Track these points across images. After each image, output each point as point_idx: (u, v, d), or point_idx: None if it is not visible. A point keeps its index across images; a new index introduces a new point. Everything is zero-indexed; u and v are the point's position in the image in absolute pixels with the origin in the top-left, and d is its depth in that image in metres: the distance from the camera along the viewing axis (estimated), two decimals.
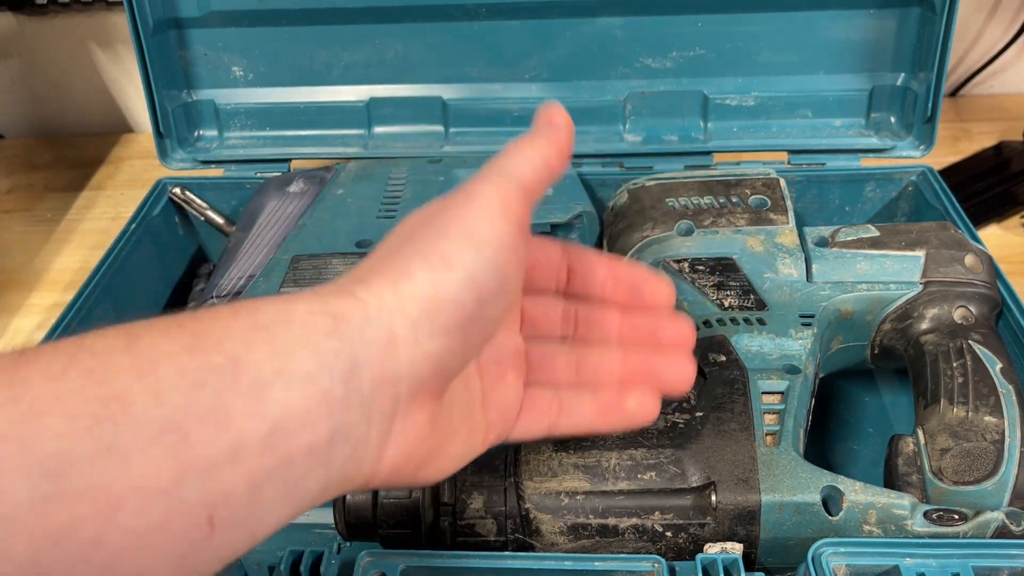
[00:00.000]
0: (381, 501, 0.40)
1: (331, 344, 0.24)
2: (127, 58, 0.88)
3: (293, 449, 0.23)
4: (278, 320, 0.24)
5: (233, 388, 0.22)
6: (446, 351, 0.27)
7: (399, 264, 0.27)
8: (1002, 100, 0.87)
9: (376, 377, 0.25)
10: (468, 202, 0.28)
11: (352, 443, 0.25)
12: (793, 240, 0.49)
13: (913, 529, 0.37)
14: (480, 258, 0.27)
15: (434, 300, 0.26)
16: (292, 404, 0.23)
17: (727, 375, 0.42)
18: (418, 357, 0.26)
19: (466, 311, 0.27)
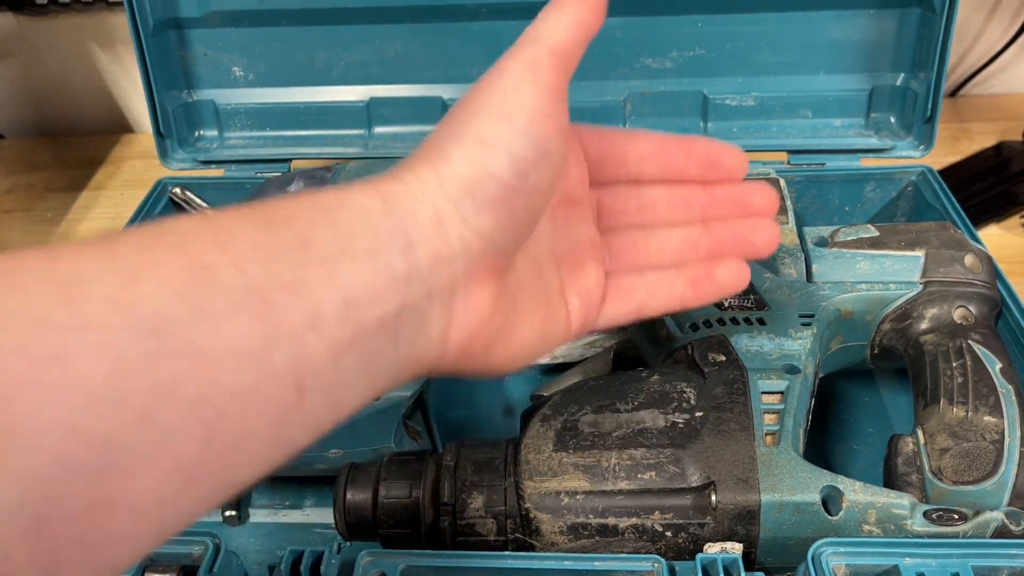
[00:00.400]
0: (381, 501, 0.40)
1: (386, 223, 0.26)
2: (127, 58, 0.88)
3: (366, 321, 0.24)
4: (336, 204, 0.26)
5: (305, 262, 0.23)
6: (494, 225, 0.28)
7: (437, 147, 0.28)
8: (1002, 100, 0.87)
9: (430, 255, 0.26)
10: (498, 77, 0.29)
11: (417, 320, 0.26)
12: (793, 240, 0.50)
13: (913, 529, 0.37)
14: (513, 130, 0.28)
15: (471, 178, 0.27)
16: (360, 278, 0.24)
17: (727, 375, 0.42)
18: (467, 234, 0.27)
19: (506, 183, 0.27)
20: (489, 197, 0.27)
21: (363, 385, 0.25)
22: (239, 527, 0.51)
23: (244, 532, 0.51)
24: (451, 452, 0.41)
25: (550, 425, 0.41)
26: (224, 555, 0.37)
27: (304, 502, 0.52)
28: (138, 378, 0.19)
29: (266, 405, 0.22)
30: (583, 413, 0.41)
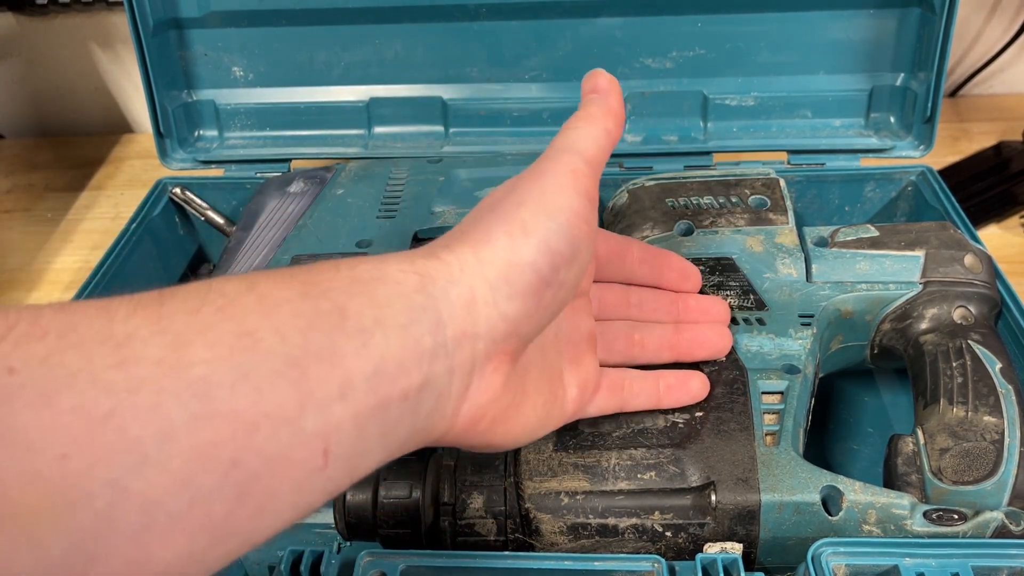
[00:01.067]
0: (381, 501, 0.40)
1: (420, 300, 0.27)
2: (127, 58, 0.88)
3: (391, 392, 0.25)
4: (374, 277, 0.27)
5: (341, 331, 0.24)
6: (522, 313, 0.29)
7: (481, 230, 0.29)
8: (1002, 100, 0.87)
9: (458, 333, 0.27)
10: (541, 176, 0.31)
11: (437, 394, 0.27)
12: (793, 240, 0.50)
13: (913, 529, 0.37)
14: (554, 225, 0.30)
15: (512, 264, 0.29)
16: (390, 350, 0.25)
17: (727, 375, 0.42)
18: (495, 317, 0.28)
19: (541, 275, 0.29)
20: (523, 285, 0.29)
21: (379, 452, 0.26)
22: None
23: None
24: (451, 452, 0.41)
25: None
26: None
27: None
28: (183, 441, 0.20)
29: (294, 469, 0.23)
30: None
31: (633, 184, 0.55)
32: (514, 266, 0.29)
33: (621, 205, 0.55)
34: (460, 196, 0.58)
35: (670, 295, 0.43)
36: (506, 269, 0.29)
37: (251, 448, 0.21)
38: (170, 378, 0.20)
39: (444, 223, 0.55)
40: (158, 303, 0.22)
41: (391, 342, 0.25)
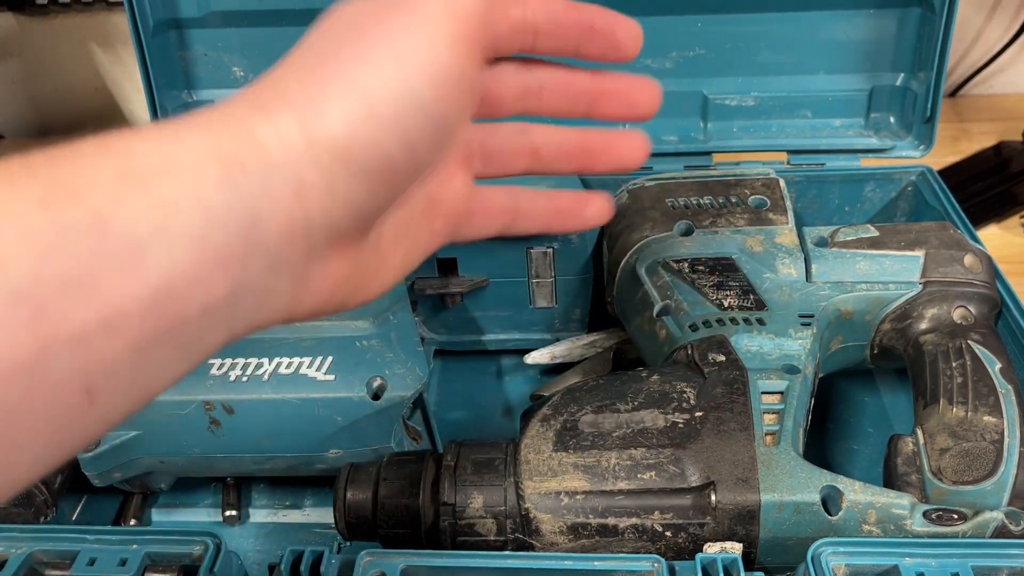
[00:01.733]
0: (381, 501, 0.40)
1: (223, 196, 0.21)
2: (127, 58, 0.88)
3: (185, 311, 0.20)
4: (158, 167, 0.20)
5: (100, 249, 0.19)
6: (366, 196, 0.24)
7: (310, 91, 0.23)
8: (1002, 100, 0.87)
9: (283, 229, 0.22)
10: (404, 14, 0.24)
11: (258, 296, 0.23)
12: (792, 240, 0.50)
13: (912, 529, 0.37)
14: (411, 98, 0.23)
15: (350, 146, 0.23)
16: (177, 265, 0.20)
17: (727, 375, 0.42)
18: (334, 205, 0.23)
19: (390, 158, 0.23)
20: (367, 166, 0.23)
21: (180, 368, 0.22)
22: (239, 527, 0.51)
23: (244, 532, 0.51)
24: (451, 452, 0.41)
25: (550, 425, 0.41)
26: (224, 555, 0.37)
27: (304, 502, 0.53)
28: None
29: (42, 418, 0.19)
30: (583, 413, 0.41)
31: (633, 184, 0.55)
32: (353, 148, 0.23)
33: (621, 205, 0.55)
34: None
35: (580, 76, 0.31)
36: (343, 152, 0.22)
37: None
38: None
39: None
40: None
41: (179, 254, 0.20)
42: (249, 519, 0.52)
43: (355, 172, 0.23)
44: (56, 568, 0.37)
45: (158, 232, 0.20)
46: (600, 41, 0.30)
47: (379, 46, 0.23)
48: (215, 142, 0.21)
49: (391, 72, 0.23)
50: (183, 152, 0.21)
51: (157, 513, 0.53)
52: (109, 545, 0.37)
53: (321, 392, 0.46)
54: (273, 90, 0.23)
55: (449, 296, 0.58)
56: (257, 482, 0.53)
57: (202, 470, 0.50)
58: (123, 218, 0.19)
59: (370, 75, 0.23)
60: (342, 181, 0.23)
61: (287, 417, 0.46)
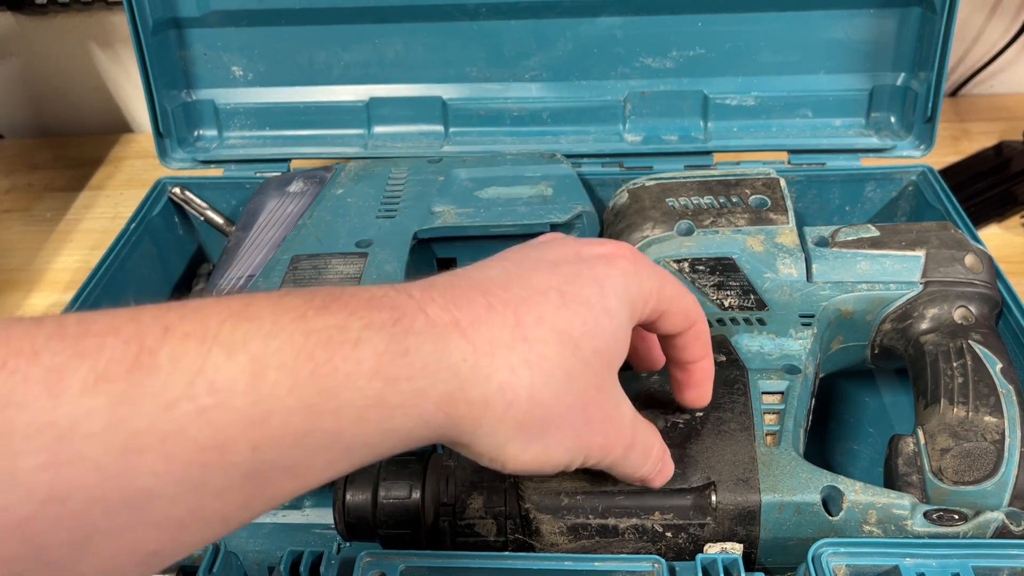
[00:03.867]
0: (381, 501, 0.40)
1: (426, 435, 0.27)
2: (127, 58, 0.88)
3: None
4: (404, 404, 0.25)
5: (326, 450, 0.24)
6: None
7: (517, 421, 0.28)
8: (1002, 100, 0.87)
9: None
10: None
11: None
12: (793, 240, 0.49)
13: (913, 529, 0.37)
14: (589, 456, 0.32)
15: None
16: (352, 465, 0.25)
17: (727, 375, 0.42)
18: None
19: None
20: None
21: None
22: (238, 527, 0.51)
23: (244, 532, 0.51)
24: (451, 452, 0.41)
25: None
26: (224, 555, 0.37)
27: (304, 502, 0.52)
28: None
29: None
30: None
31: (633, 184, 0.55)
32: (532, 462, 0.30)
33: (621, 205, 0.55)
34: (460, 196, 0.58)
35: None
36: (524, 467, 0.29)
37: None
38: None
39: (443, 223, 0.55)
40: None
41: (357, 461, 0.25)
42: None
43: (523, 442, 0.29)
44: None
45: (368, 447, 0.25)
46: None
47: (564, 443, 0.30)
48: (454, 393, 0.26)
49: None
50: (429, 399, 0.26)
51: None
52: None
53: None
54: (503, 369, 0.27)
55: None
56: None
57: None
58: (352, 435, 0.24)
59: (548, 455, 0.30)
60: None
61: None
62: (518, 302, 0.28)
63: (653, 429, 0.35)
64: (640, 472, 0.34)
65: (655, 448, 0.35)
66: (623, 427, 0.32)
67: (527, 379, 0.27)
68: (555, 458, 0.29)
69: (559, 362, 0.28)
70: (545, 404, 0.28)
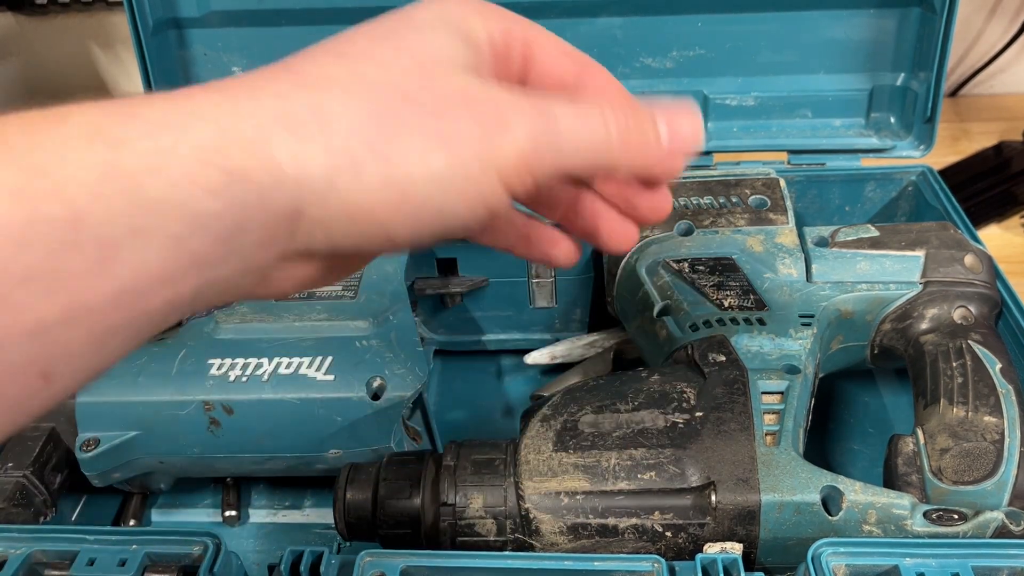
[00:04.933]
0: (381, 501, 0.40)
1: (213, 206, 0.20)
2: (127, 58, 0.88)
3: (148, 306, 0.20)
4: (149, 167, 0.20)
5: (71, 246, 0.19)
6: (353, 249, 0.24)
7: (355, 141, 0.22)
8: (1002, 100, 0.87)
9: (263, 240, 0.22)
10: (486, 134, 0.24)
11: (220, 290, 0.22)
12: (793, 240, 0.49)
13: (913, 529, 0.37)
14: (442, 207, 0.24)
15: (366, 214, 0.23)
16: (148, 265, 0.20)
17: (727, 375, 0.42)
18: (319, 241, 0.23)
19: (394, 239, 0.24)
20: (368, 236, 0.23)
21: (133, 346, 0.22)
22: (239, 527, 0.51)
23: (244, 532, 0.51)
24: (451, 452, 0.41)
25: (550, 425, 0.41)
26: (224, 555, 0.37)
27: (304, 502, 0.52)
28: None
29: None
30: (583, 413, 0.41)
31: None
32: (368, 218, 0.23)
33: None
34: None
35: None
36: (357, 214, 0.22)
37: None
38: None
39: None
40: None
41: (152, 256, 0.20)
42: (249, 519, 0.52)
43: (355, 232, 0.23)
44: (55, 568, 0.37)
45: (134, 233, 0.19)
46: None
47: (442, 151, 0.23)
48: (223, 145, 0.21)
49: (440, 183, 0.23)
50: (183, 151, 0.20)
51: (157, 513, 0.53)
52: (109, 545, 0.37)
53: (321, 392, 0.46)
54: (313, 103, 0.22)
55: (449, 296, 0.58)
56: (257, 482, 0.53)
57: (202, 470, 0.49)
58: (100, 216, 0.19)
59: (420, 170, 0.23)
60: (340, 232, 0.23)
61: (287, 417, 0.46)
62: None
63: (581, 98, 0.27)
64: (598, 134, 0.26)
65: (595, 105, 0.26)
66: (500, 101, 0.25)
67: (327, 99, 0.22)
68: (435, 169, 0.23)
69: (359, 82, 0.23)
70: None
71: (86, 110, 0.20)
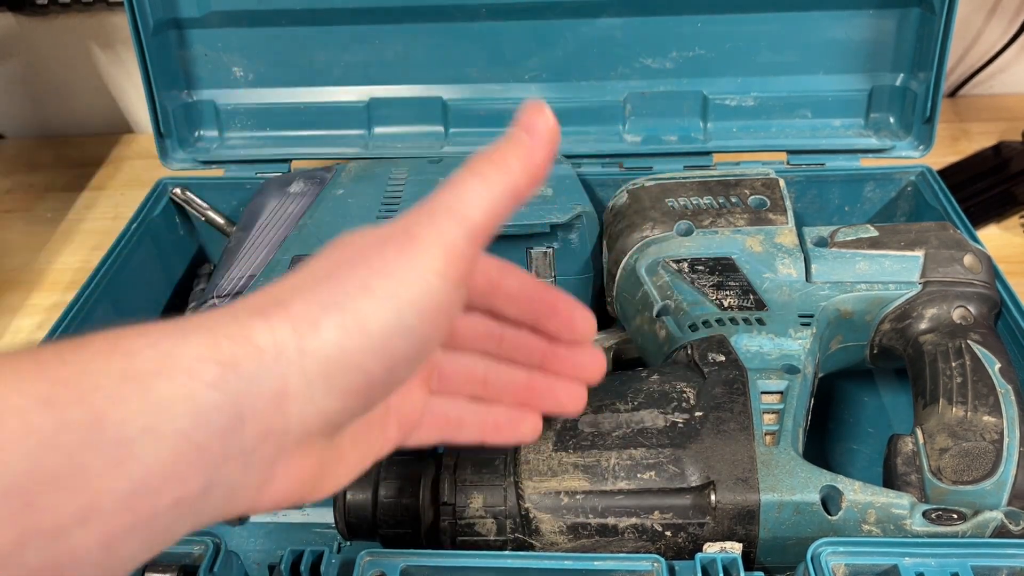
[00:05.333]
0: (381, 501, 0.40)
1: (213, 397, 0.22)
2: (127, 58, 0.88)
3: (158, 505, 0.21)
4: (157, 369, 0.22)
5: (92, 447, 0.20)
6: (339, 410, 0.25)
7: (310, 307, 0.24)
8: (1002, 100, 0.87)
9: (261, 431, 0.23)
10: (404, 250, 0.25)
11: (227, 491, 0.23)
12: (792, 240, 0.50)
13: (912, 529, 0.37)
14: (400, 324, 0.25)
15: (338, 363, 0.24)
16: (160, 462, 0.21)
17: (726, 375, 0.42)
18: (310, 413, 0.24)
19: (371, 377, 0.25)
20: (349, 384, 0.24)
21: (145, 555, 0.22)
22: (239, 527, 0.51)
23: (244, 532, 0.51)
24: (451, 452, 0.41)
25: (550, 425, 0.41)
26: (224, 555, 0.37)
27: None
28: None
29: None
30: (583, 413, 0.41)
31: (633, 184, 0.55)
32: (340, 365, 0.24)
33: (621, 205, 0.55)
34: None
35: (541, 340, 0.34)
36: (330, 367, 0.24)
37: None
38: None
39: None
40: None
41: (162, 452, 0.21)
42: (249, 519, 0.52)
43: (336, 387, 0.24)
44: None
45: (147, 431, 0.21)
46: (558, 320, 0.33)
47: (377, 276, 0.25)
48: (214, 342, 0.23)
49: (388, 302, 0.25)
50: (183, 352, 0.22)
51: None
52: None
53: None
54: (274, 301, 0.25)
55: None
56: None
57: None
58: (118, 417, 0.20)
59: (367, 301, 0.24)
60: (321, 393, 0.24)
61: None
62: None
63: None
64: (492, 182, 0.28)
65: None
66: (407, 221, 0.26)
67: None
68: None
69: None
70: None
71: (105, 334, 0.22)
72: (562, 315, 0.33)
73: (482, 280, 0.32)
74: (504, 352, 0.34)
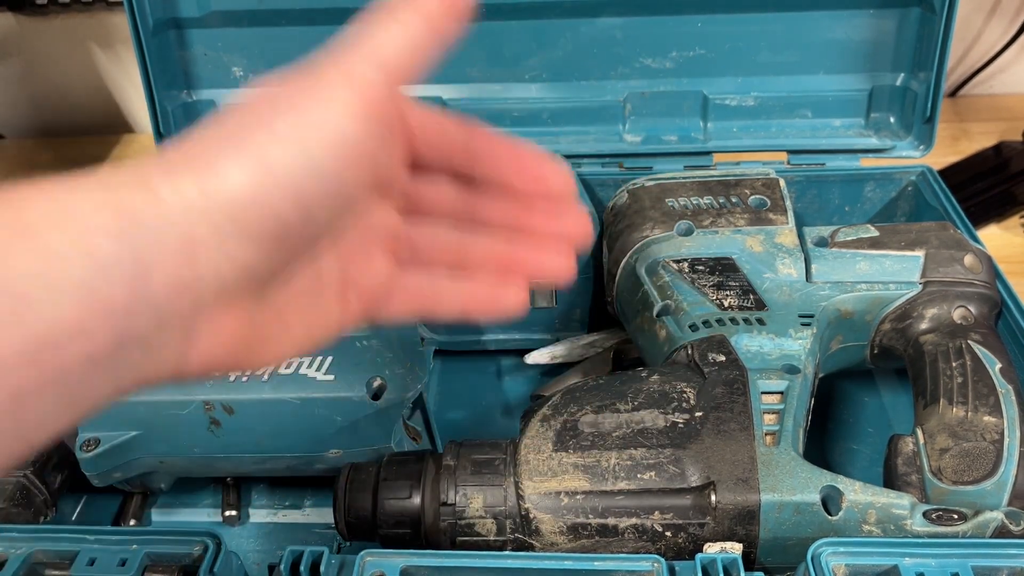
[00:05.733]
0: (381, 501, 0.40)
1: (113, 248, 0.21)
2: (127, 58, 0.88)
3: (66, 361, 0.21)
4: (52, 220, 0.21)
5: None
6: (257, 259, 0.24)
7: (213, 154, 0.23)
8: (1002, 100, 0.87)
9: (170, 283, 0.22)
10: (309, 90, 0.25)
11: (144, 349, 0.23)
12: (792, 240, 0.50)
13: (912, 529, 0.37)
14: (309, 165, 0.24)
15: (246, 207, 0.23)
16: (61, 314, 0.20)
17: (727, 375, 0.42)
18: (224, 263, 0.23)
19: (284, 221, 0.24)
20: (259, 230, 0.23)
21: (64, 417, 0.22)
22: (239, 527, 0.51)
23: (244, 532, 0.51)
24: (451, 452, 0.41)
25: (550, 425, 0.41)
26: (224, 555, 0.37)
27: (304, 502, 0.52)
28: None
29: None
30: (583, 413, 0.41)
31: (633, 184, 0.55)
32: (246, 209, 0.23)
33: (621, 205, 0.55)
34: None
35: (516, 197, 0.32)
36: (236, 212, 0.23)
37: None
38: None
39: None
40: None
41: (63, 304, 0.20)
42: (249, 519, 0.52)
43: (247, 233, 0.23)
44: (56, 568, 0.37)
45: (44, 283, 0.20)
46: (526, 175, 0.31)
47: (283, 117, 0.24)
48: (113, 194, 0.22)
49: (292, 139, 0.24)
50: (78, 203, 0.22)
51: (157, 513, 0.53)
52: (109, 545, 0.37)
53: (321, 392, 0.46)
54: (181, 153, 0.24)
55: None
56: (257, 482, 0.53)
57: (202, 470, 0.50)
58: (8, 270, 0.20)
59: (271, 142, 0.24)
60: (233, 240, 0.23)
61: (287, 417, 0.46)
62: None
63: None
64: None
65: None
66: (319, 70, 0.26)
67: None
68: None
69: None
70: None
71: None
72: (530, 169, 0.31)
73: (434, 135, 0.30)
74: (480, 218, 0.32)
